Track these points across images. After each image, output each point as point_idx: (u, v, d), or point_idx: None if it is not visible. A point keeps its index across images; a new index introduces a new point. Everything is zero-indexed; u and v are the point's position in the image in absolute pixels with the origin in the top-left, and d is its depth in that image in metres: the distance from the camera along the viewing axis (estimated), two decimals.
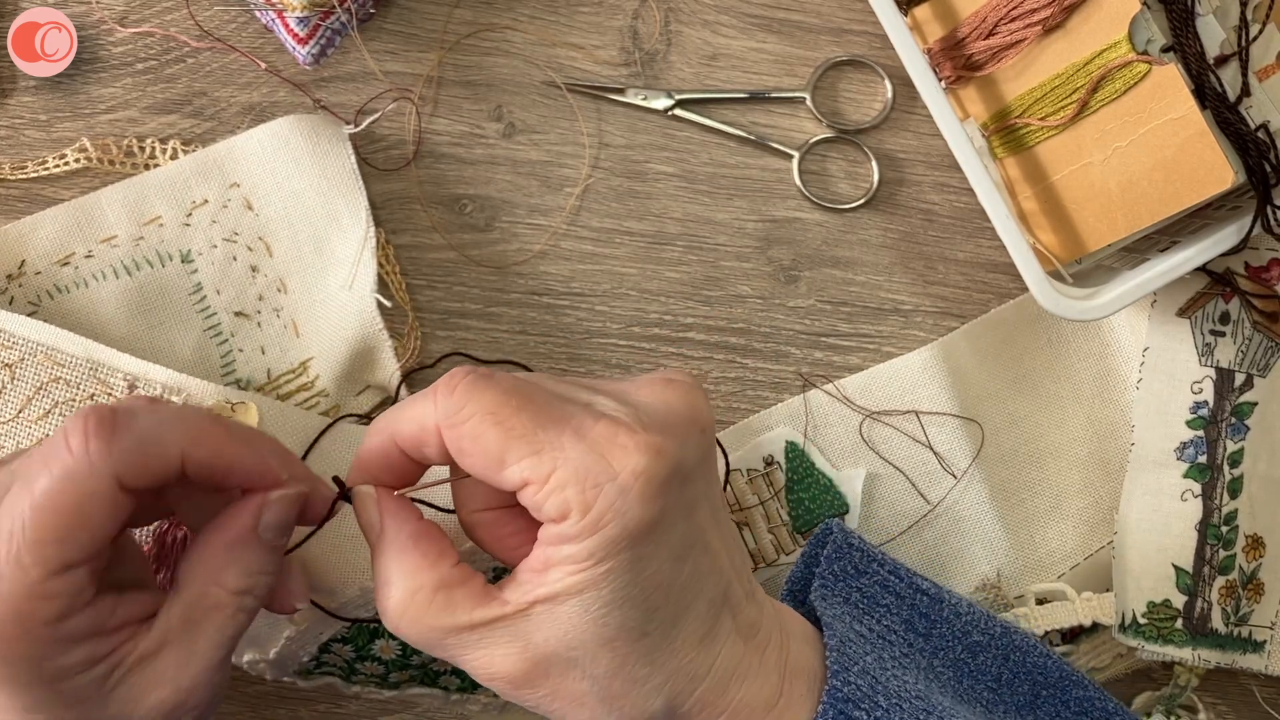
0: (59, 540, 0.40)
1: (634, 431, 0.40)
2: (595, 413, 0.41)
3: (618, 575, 0.40)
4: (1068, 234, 0.56)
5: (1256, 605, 0.59)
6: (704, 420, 0.43)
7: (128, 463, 0.41)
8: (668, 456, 0.40)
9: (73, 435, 0.40)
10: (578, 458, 0.40)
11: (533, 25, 0.59)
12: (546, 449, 0.40)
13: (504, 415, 0.40)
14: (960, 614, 0.51)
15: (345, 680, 0.56)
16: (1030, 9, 0.54)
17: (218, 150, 0.56)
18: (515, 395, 0.41)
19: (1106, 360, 0.61)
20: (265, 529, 0.44)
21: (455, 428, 0.41)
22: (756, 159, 0.60)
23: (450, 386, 0.41)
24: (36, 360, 0.52)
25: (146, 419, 0.42)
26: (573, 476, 0.40)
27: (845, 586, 0.50)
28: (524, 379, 0.43)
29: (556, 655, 0.41)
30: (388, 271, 0.57)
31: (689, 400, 0.43)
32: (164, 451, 0.42)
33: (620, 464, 0.40)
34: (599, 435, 0.40)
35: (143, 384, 0.53)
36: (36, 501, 0.40)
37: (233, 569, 0.44)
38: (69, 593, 0.41)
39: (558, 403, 0.41)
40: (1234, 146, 0.52)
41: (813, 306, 0.60)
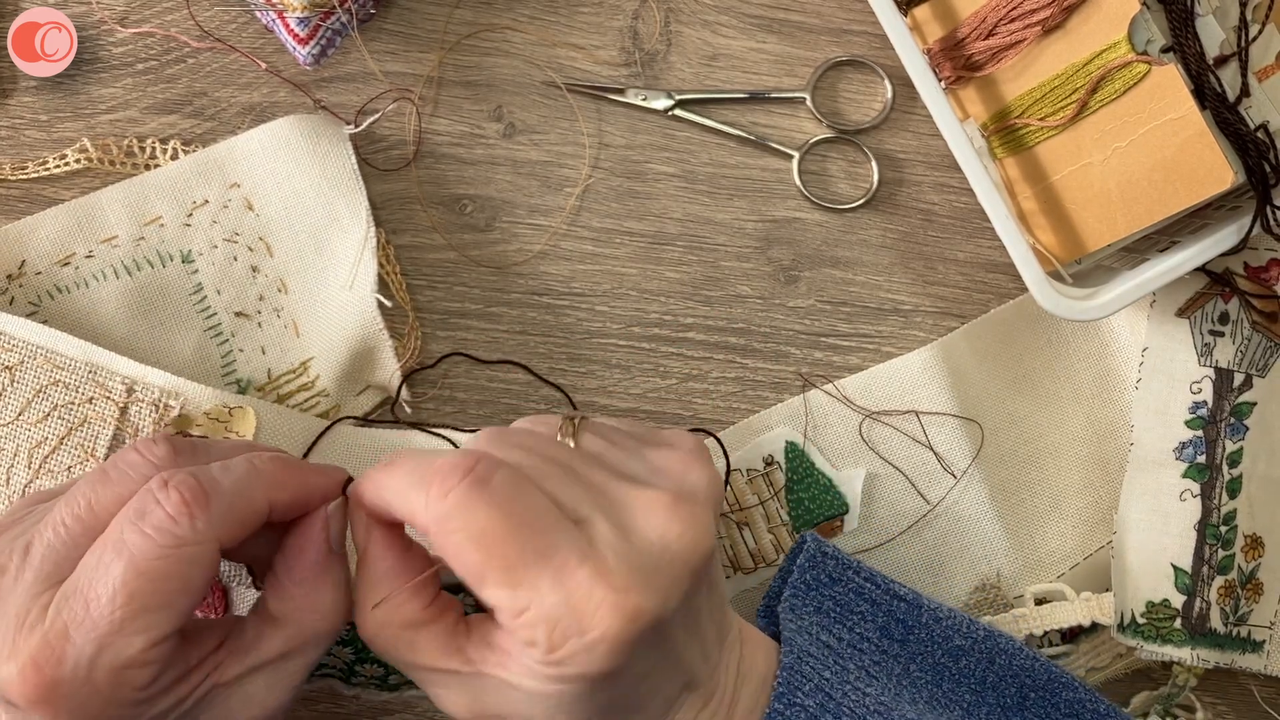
0: (162, 607, 0.40)
1: (613, 589, 0.40)
2: (584, 549, 0.40)
3: (572, 696, 0.41)
4: (1067, 234, 0.56)
5: (1255, 605, 0.59)
6: (698, 560, 0.42)
7: (226, 529, 0.42)
8: (643, 619, 0.40)
9: (168, 503, 0.41)
10: (552, 605, 0.39)
11: (533, 25, 0.59)
12: (524, 586, 0.40)
13: (488, 542, 0.40)
14: (940, 619, 0.51)
15: (345, 681, 0.56)
16: (1030, 9, 0.54)
17: (218, 150, 0.56)
18: (507, 519, 0.40)
19: (1106, 360, 0.61)
20: (336, 541, 0.45)
21: (441, 536, 0.41)
22: (756, 159, 0.60)
23: (444, 489, 0.40)
24: (36, 363, 0.52)
25: (230, 481, 0.43)
26: (543, 620, 0.40)
27: (818, 595, 0.50)
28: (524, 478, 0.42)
29: (503, 718, 0.43)
30: (388, 271, 0.58)
31: (691, 537, 0.42)
32: (254, 507, 0.43)
33: (591, 623, 0.39)
34: (578, 585, 0.40)
35: (140, 387, 0.53)
36: (140, 569, 0.40)
37: (327, 590, 0.45)
38: (163, 658, 0.41)
39: (549, 528, 0.40)
40: (1233, 147, 0.52)
41: (813, 306, 0.60)
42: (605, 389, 0.59)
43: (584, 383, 0.59)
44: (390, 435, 0.56)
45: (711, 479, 0.44)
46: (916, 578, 0.59)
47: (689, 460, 0.45)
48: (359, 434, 0.55)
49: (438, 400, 0.58)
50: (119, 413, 0.52)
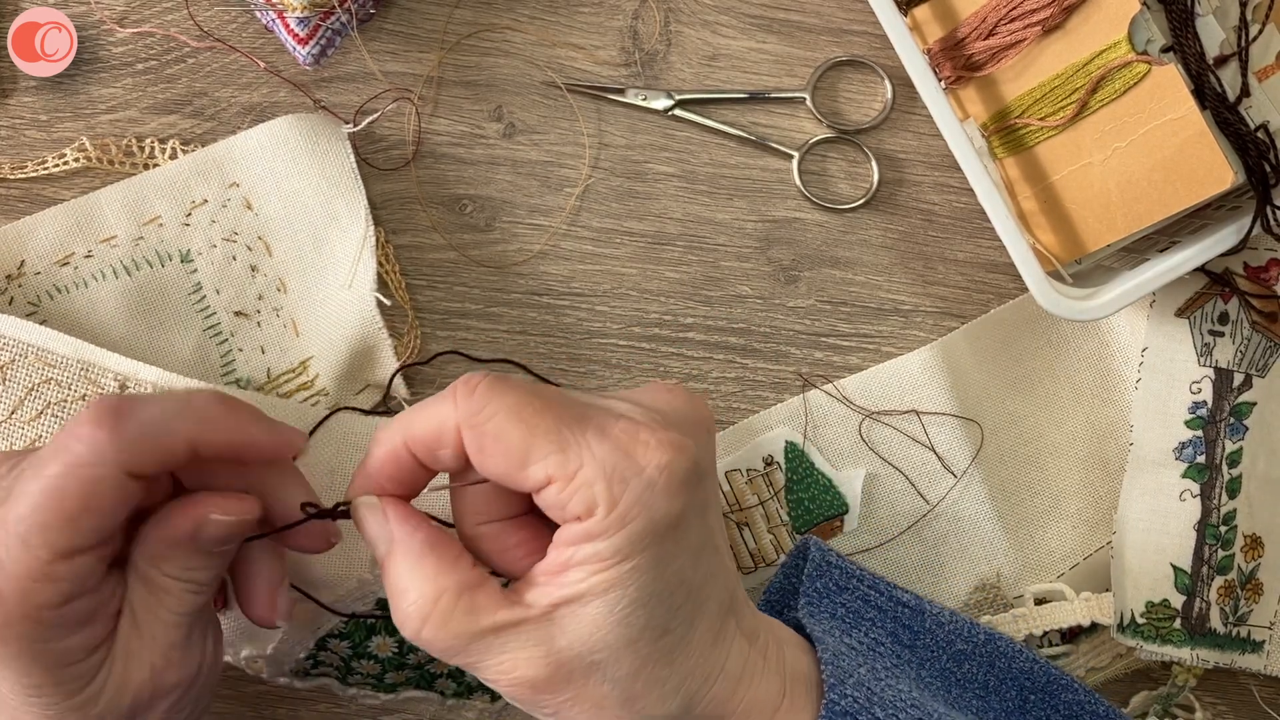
0: (65, 525, 0.41)
1: (654, 429, 0.41)
2: (614, 413, 0.41)
3: (643, 572, 0.40)
4: (1067, 234, 0.56)
5: (1255, 605, 0.59)
6: (709, 423, 0.44)
7: (134, 451, 0.41)
8: (689, 453, 0.41)
9: (82, 424, 0.41)
10: (603, 454, 0.40)
11: (533, 25, 0.59)
12: (571, 446, 0.40)
13: (527, 414, 0.40)
14: (942, 624, 0.51)
15: (342, 681, 0.56)
16: (1030, 9, 0.54)
17: (217, 150, 0.56)
18: (537, 396, 0.41)
19: (1106, 360, 0.61)
20: (204, 540, 0.44)
21: (477, 427, 0.41)
22: (756, 159, 0.60)
23: (470, 387, 0.41)
24: (28, 361, 0.52)
25: (153, 408, 0.42)
26: (599, 473, 0.40)
27: (830, 603, 0.50)
28: (539, 385, 0.43)
29: (580, 658, 0.41)
30: (387, 271, 0.57)
31: (694, 403, 0.44)
32: (171, 439, 0.42)
33: (645, 459, 0.40)
34: (621, 432, 0.40)
35: (133, 384, 0.53)
36: (44, 486, 0.41)
37: (170, 562, 0.44)
38: (74, 577, 0.41)
39: (576, 404, 0.41)
40: (1233, 147, 0.52)
41: (813, 306, 0.60)
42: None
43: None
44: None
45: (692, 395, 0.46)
46: (916, 578, 0.59)
47: (660, 387, 0.46)
48: (356, 423, 0.55)
49: None
50: None
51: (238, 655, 0.54)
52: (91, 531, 0.41)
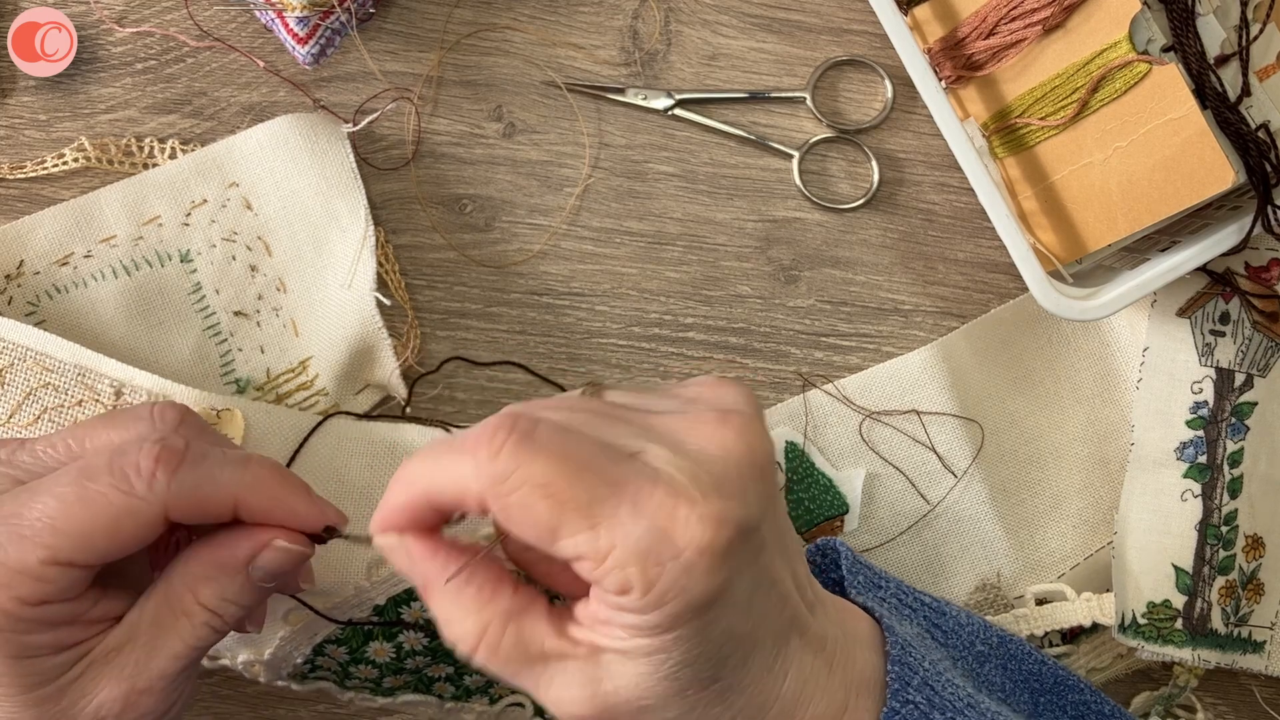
0: (79, 539, 0.41)
1: (694, 501, 0.37)
2: (651, 472, 0.38)
3: (686, 640, 0.39)
4: (1068, 234, 0.56)
5: (1256, 605, 0.59)
6: (763, 460, 0.40)
7: (181, 501, 0.42)
8: (731, 524, 0.38)
9: (144, 455, 0.41)
10: (638, 534, 0.37)
11: (533, 25, 0.59)
12: (603, 523, 0.37)
13: (556, 487, 0.37)
14: (962, 625, 0.51)
15: (339, 685, 0.56)
16: (1030, 9, 0.54)
17: (216, 150, 0.56)
18: (566, 461, 0.38)
19: (1106, 360, 0.61)
20: (256, 570, 0.44)
21: (502, 498, 0.38)
22: (756, 159, 0.60)
23: (494, 448, 0.38)
24: (26, 365, 0.52)
25: (215, 467, 0.43)
26: (633, 555, 0.37)
27: (874, 597, 0.49)
28: (570, 429, 0.39)
29: (627, 703, 0.40)
30: (387, 271, 0.57)
31: (747, 441, 0.40)
32: (218, 498, 0.43)
33: (683, 539, 0.37)
34: (658, 507, 0.37)
35: (129, 390, 0.52)
36: (80, 495, 0.41)
37: (211, 587, 0.44)
38: (60, 583, 0.41)
39: (610, 463, 0.38)
40: (1234, 146, 0.52)
41: (813, 306, 0.60)
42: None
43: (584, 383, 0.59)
44: (383, 428, 0.56)
45: (747, 394, 0.42)
46: (917, 578, 0.59)
47: (717, 384, 0.42)
48: (351, 427, 0.55)
49: (437, 400, 0.58)
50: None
51: (235, 660, 0.54)
52: (100, 554, 0.41)
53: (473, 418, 0.58)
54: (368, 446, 0.55)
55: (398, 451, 0.55)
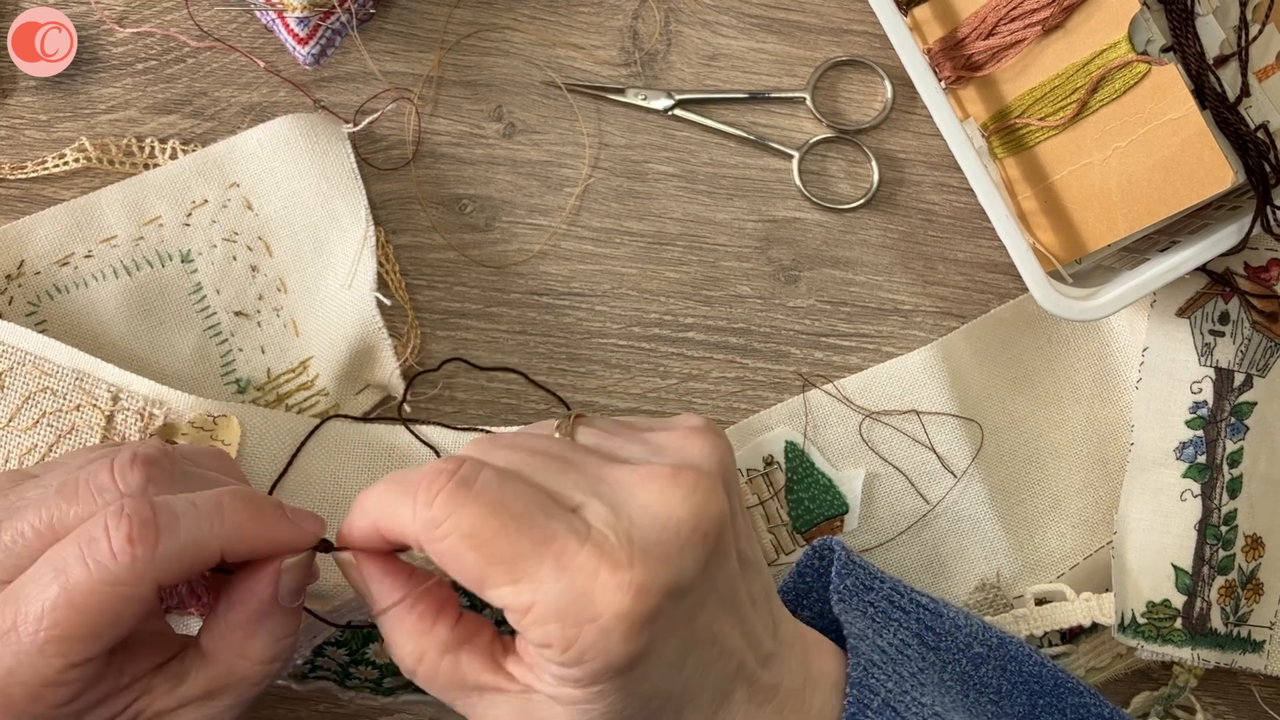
0: (87, 638, 0.40)
1: (617, 566, 0.38)
2: (581, 531, 0.39)
3: (610, 695, 0.40)
4: (1068, 234, 0.56)
5: (1256, 605, 0.59)
6: (708, 523, 0.40)
7: (169, 568, 0.40)
8: (655, 591, 0.38)
9: (115, 535, 0.40)
10: (558, 593, 0.38)
11: (533, 25, 0.59)
12: (525, 580, 0.38)
13: (482, 539, 0.39)
14: (960, 626, 0.51)
15: (340, 685, 0.56)
16: (1030, 9, 0.54)
17: (217, 150, 0.56)
18: (496, 513, 0.39)
19: (1106, 360, 0.61)
20: (285, 596, 0.44)
21: (433, 543, 0.39)
22: (756, 159, 0.60)
23: (429, 495, 0.39)
24: (25, 369, 0.52)
25: (191, 526, 0.41)
26: (552, 613, 0.38)
27: (859, 601, 0.49)
28: (515, 474, 0.40)
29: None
30: (387, 271, 0.57)
31: (693, 504, 0.40)
32: (204, 552, 0.42)
33: (601, 604, 0.38)
34: (581, 568, 0.38)
35: (126, 395, 0.52)
36: (70, 599, 0.39)
37: (260, 640, 0.44)
38: (84, 679, 0.41)
39: (543, 518, 0.39)
40: (1233, 146, 0.52)
41: (813, 306, 0.60)
42: (605, 389, 0.59)
43: (584, 383, 0.59)
44: (380, 431, 0.56)
45: (715, 448, 0.42)
46: (916, 578, 0.59)
47: (688, 434, 0.43)
48: (349, 430, 0.55)
49: (437, 401, 0.58)
50: (105, 421, 0.52)
51: None
52: (111, 641, 0.41)
53: (472, 418, 0.58)
54: (365, 449, 0.55)
55: (395, 454, 0.55)
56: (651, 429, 0.45)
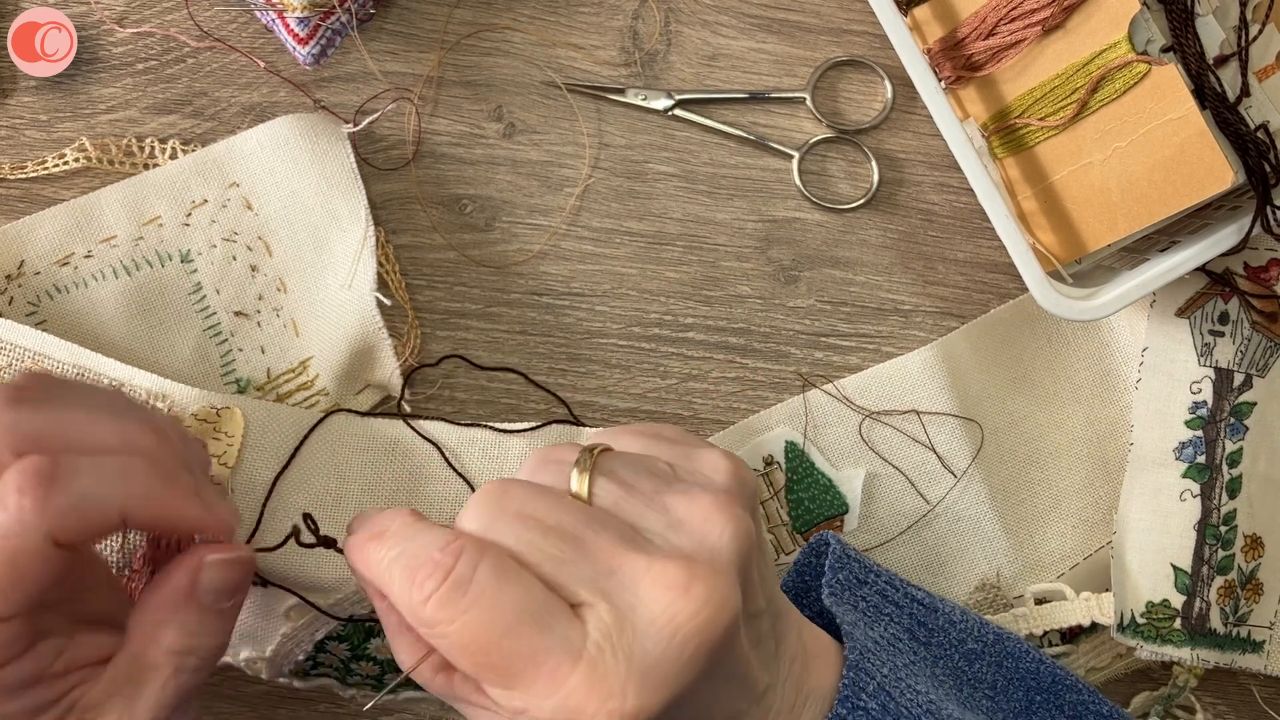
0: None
1: (609, 697, 0.38)
2: (577, 648, 0.38)
3: None
4: (1067, 234, 0.56)
5: (1255, 605, 0.59)
6: (717, 638, 0.39)
7: (62, 522, 0.39)
8: (645, 712, 0.38)
9: (9, 490, 0.38)
10: (549, 712, 0.38)
11: (533, 25, 0.59)
12: (518, 690, 0.38)
13: (474, 650, 0.39)
14: (955, 622, 0.51)
15: (341, 682, 0.56)
16: (1030, 9, 0.54)
17: (217, 150, 0.56)
18: (490, 628, 0.38)
19: (1106, 360, 0.61)
20: (205, 593, 0.43)
21: (432, 640, 0.40)
22: (756, 159, 0.60)
23: (424, 595, 0.39)
24: (24, 366, 0.52)
25: (88, 477, 0.40)
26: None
27: (851, 595, 0.50)
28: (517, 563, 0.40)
29: None
30: (387, 271, 0.57)
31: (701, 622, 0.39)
32: (102, 511, 0.40)
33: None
34: (572, 693, 0.38)
35: (128, 389, 0.52)
36: None
37: (170, 629, 0.43)
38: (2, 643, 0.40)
39: (536, 632, 0.38)
40: (1233, 146, 0.52)
41: (813, 306, 0.60)
42: (605, 389, 0.59)
43: (584, 383, 0.59)
44: (383, 425, 0.56)
45: (736, 533, 0.41)
46: (916, 578, 0.59)
47: (711, 511, 0.41)
48: (352, 424, 0.55)
49: (437, 400, 0.58)
50: None
51: (237, 657, 0.54)
52: (15, 601, 0.39)
53: (473, 417, 0.58)
54: (368, 443, 0.55)
55: (398, 449, 0.55)
56: (675, 477, 0.43)
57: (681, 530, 0.41)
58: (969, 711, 0.49)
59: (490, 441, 0.56)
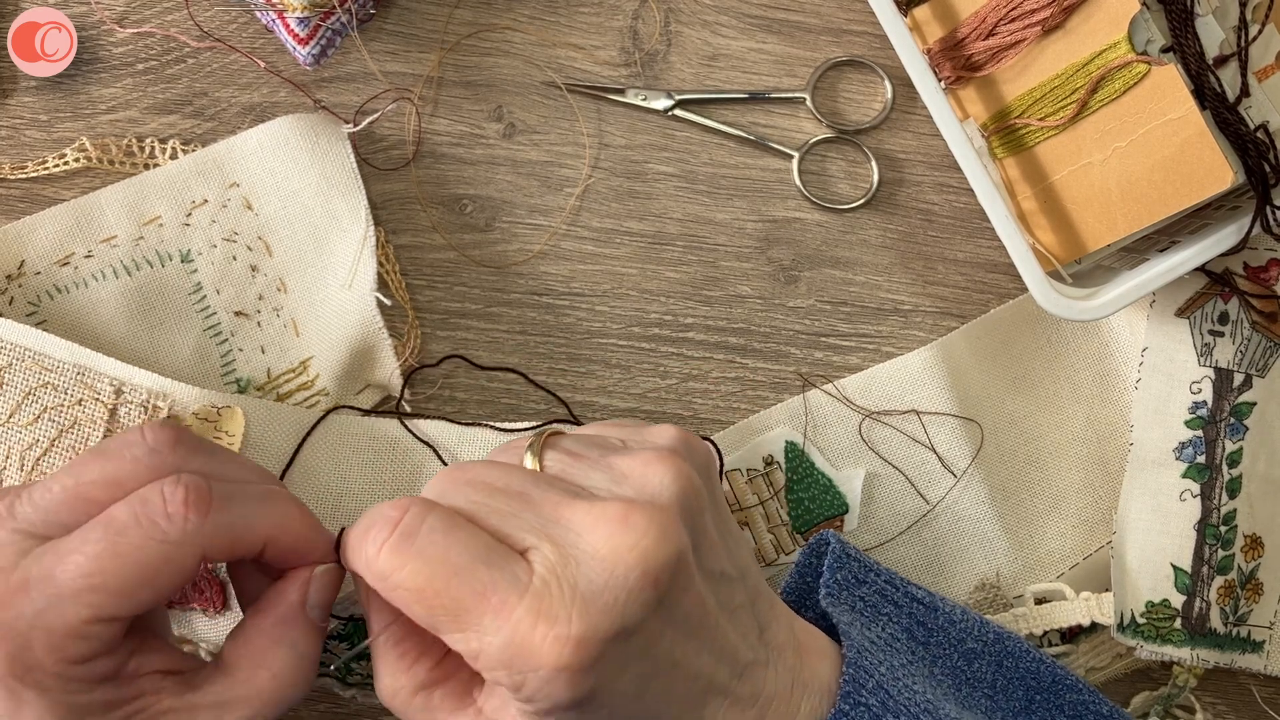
0: (121, 594, 0.41)
1: (553, 621, 0.39)
2: (523, 582, 0.40)
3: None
4: (1067, 234, 0.56)
5: (1255, 605, 0.59)
6: (658, 569, 0.41)
7: (215, 540, 0.42)
8: (593, 643, 0.39)
9: (171, 499, 0.41)
10: (500, 645, 0.40)
11: (533, 25, 0.59)
12: (470, 629, 0.40)
13: (425, 594, 0.40)
14: (954, 621, 0.51)
15: (341, 681, 0.56)
16: (1030, 9, 0.54)
17: (217, 150, 0.56)
18: (438, 571, 0.40)
19: (1105, 360, 0.61)
20: (312, 608, 0.45)
21: (385, 593, 0.41)
22: (756, 159, 0.60)
23: (376, 547, 0.41)
24: (25, 365, 0.52)
25: (240, 503, 0.43)
26: (497, 660, 0.40)
27: (850, 595, 0.50)
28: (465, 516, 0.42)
29: None
30: (387, 271, 0.58)
31: (643, 547, 0.41)
32: (251, 536, 0.43)
33: (541, 657, 0.39)
34: (519, 623, 0.39)
35: (129, 389, 0.52)
36: (117, 549, 0.40)
37: (282, 650, 0.44)
38: (104, 638, 0.41)
39: (484, 570, 0.40)
40: (1233, 147, 0.52)
41: (813, 306, 0.60)
42: (605, 389, 0.59)
43: (584, 383, 0.59)
44: (384, 424, 0.56)
45: (677, 476, 0.43)
46: (916, 577, 0.59)
47: (650, 461, 0.43)
48: (352, 423, 0.55)
49: (438, 400, 0.58)
50: (108, 414, 0.52)
51: None
52: (141, 604, 0.41)
53: (473, 417, 0.58)
54: (369, 442, 0.55)
55: (399, 448, 0.55)
56: (623, 447, 0.45)
57: (625, 482, 0.43)
58: (968, 711, 0.49)
59: (490, 441, 0.56)
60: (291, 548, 0.44)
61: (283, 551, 0.44)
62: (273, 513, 0.44)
